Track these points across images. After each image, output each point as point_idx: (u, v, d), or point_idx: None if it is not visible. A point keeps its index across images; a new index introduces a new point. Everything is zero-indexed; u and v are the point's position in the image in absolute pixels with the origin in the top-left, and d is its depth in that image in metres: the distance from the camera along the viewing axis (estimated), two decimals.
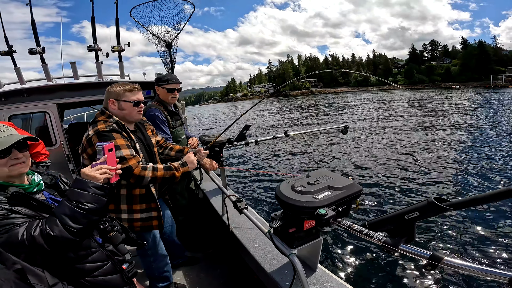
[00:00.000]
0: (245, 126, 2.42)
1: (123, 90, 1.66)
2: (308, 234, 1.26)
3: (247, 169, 8.51)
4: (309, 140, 12.31)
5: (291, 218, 1.17)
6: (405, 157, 8.38)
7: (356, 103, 33.83)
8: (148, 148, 1.85)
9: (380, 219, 0.96)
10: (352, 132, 13.24)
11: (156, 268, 1.96)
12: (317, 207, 1.01)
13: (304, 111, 28.88)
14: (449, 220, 4.33)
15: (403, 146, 9.93)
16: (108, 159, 1.16)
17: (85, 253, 1.09)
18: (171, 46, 3.50)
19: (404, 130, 13.01)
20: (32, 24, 2.99)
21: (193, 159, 1.82)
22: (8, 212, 0.92)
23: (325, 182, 1.15)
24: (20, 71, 2.98)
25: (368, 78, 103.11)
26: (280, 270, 1.66)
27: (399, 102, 29.26)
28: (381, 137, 11.98)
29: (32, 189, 1.09)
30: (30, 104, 2.97)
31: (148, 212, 1.75)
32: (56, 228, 0.93)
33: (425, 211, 0.82)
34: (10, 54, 2.93)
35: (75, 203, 0.99)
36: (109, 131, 1.52)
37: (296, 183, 1.18)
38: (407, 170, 7.12)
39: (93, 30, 3.12)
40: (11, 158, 1.02)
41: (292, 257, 1.20)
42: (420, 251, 0.85)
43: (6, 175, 1.02)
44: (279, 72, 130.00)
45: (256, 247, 1.91)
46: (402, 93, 48.68)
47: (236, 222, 2.22)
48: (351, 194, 1.10)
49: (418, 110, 21.27)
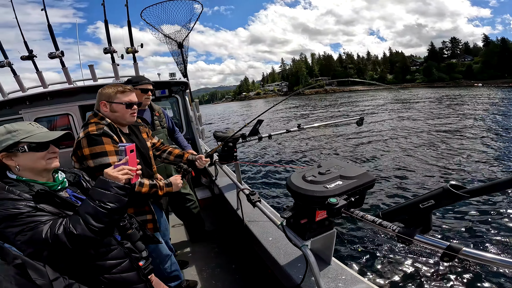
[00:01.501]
0: (258, 121, 2.42)
1: (114, 91, 1.61)
2: (320, 225, 1.24)
3: (262, 163, 8.53)
4: (323, 134, 12.24)
5: (303, 208, 1.16)
6: (420, 150, 8.30)
7: (371, 101, 33.00)
8: (143, 152, 1.80)
9: (394, 208, 0.94)
10: (367, 125, 12.99)
11: (164, 269, 1.96)
12: (327, 196, 1.00)
13: (318, 108, 28.54)
14: (466, 209, 4.20)
15: (418, 139, 9.79)
16: (130, 160, 1.19)
17: (105, 250, 1.11)
18: (183, 46, 3.57)
19: (420, 125, 12.74)
20: (49, 29, 3.08)
21: (178, 183, 1.76)
22: (33, 209, 0.95)
23: (336, 172, 1.13)
24: (42, 75, 3.10)
25: (384, 76, 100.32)
26: (294, 263, 1.66)
27: (418, 100, 28.26)
28: (396, 131, 11.82)
29: (57, 186, 1.13)
30: (53, 107, 3.08)
31: (142, 216, 1.72)
32: (79, 227, 0.96)
33: (440, 198, 0.78)
34: (31, 59, 3.05)
35: (98, 202, 1.02)
36: (99, 135, 1.48)
37: (307, 173, 1.17)
38: (422, 162, 7.07)
39: (107, 33, 3.20)
40: (49, 151, 1.08)
41: (304, 248, 1.20)
42: (436, 241, 0.82)
43: (43, 168, 1.07)
44: (292, 71, 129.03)
45: (270, 241, 1.91)
46: (423, 91, 46.93)
47: (250, 216, 2.23)
48: (364, 183, 1.08)
49: (439, 107, 20.55)
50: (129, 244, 1.27)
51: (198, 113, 3.89)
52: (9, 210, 0.90)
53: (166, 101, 3.80)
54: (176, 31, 3.62)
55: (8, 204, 0.92)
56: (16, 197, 0.95)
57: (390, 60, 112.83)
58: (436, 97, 31.15)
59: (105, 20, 3.11)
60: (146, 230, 1.48)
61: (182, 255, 2.75)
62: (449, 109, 18.48)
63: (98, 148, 1.46)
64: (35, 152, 1.04)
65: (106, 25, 3.13)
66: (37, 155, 1.05)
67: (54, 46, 3.01)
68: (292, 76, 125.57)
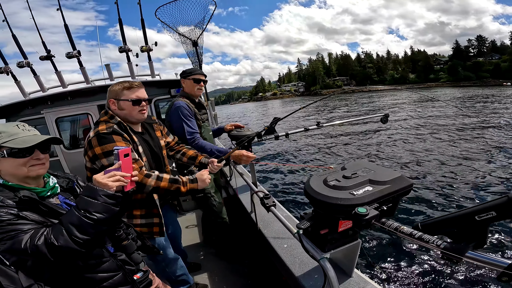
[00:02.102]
0: (274, 118, 2.29)
1: (121, 88, 1.55)
2: (343, 236, 1.09)
3: (278, 163, 8.28)
4: (344, 133, 11.71)
5: (323, 217, 1.01)
6: (459, 150, 7.39)
7: (394, 100, 31.59)
8: (155, 151, 1.74)
9: (439, 220, 0.78)
10: (392, 123, 12.20)
11: (171, 273, 1.90)
12: (355, 205, 0.84)
13: (337, 108, 27.74)
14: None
15: (456, 140, 8.78)
16: (123, 165, 1.08)
17: (95, 263, 1.04)
18: (197, 44, 3.53)
19: (456, 125, 11.62)
20: (65, 29, 3.13)
21: (205, 178, 1.62)
22: (15, 217, 0.89)
23: (365, 175, 0.97)
24: (61, 75, 3.17)
25: (406, 76, 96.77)
26: (310, 273, 1.52)
27: (446, 99, 26.74)
28: (426, 129, 10.84)
29: (46, 193, 1.05)
30: (73, 107, 3.14)
31: (149, 218, 1.66)
32: (61, 238, 0.88)
33: (504, 210, 0.62)
34: (50, 59, 3.10)
35: (83, 212, 0.93)
36: (109, 133, 1.43)
37: (329, 176, 1.01)
38: (461, 164, 6.23)
39: (121, 32, 3.22)
40: (32, 158, 0.99)
41: (323, 262, 1.06)
42: (494, 259, 0.65)
43: (24, 175, 0.99)
44: (309, 71, 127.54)
45: (285, 248, 1.78)
46: (449, 91, 44.52)
47: (265, 220, 2.11)
48: (399, 189, 0.90)
49: (472, 105, 19.23)
50: (124, 256, 1.17)
51: (214, 112, 3.83)
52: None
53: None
54: (191, 29, 3.60)
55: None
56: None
57: (412, 59, 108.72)
58: (466, 96, 29.27)
59: (119, 19, 3.12)
60: (146, 240, 1.39)
61: (194, 257, 2.68)
62: (486, 108, 17.15)
63: (109, 146, 1.40)
64: (15, 158, 0.96)
65: (120, 23, 3.14)
66: (18, 161, 0.97)
67: (72, 46, 3.05)
68: (309, 76, 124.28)
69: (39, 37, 3.14)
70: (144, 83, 1.72)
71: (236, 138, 2.30)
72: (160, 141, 1.81)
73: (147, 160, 1.61)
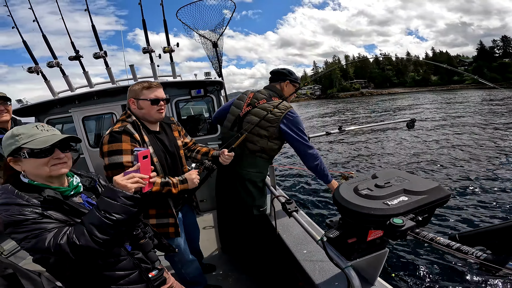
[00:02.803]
0: None
1: (140, 88, 1.59)
2: (371, 245, 1.05)
3: (299, 167, 8.18)
4: (367, 138, 11.35)
5: (353, 227, 0.98)
6: (496, 159, 6.89)
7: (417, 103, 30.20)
8: (171, 150, 1.74)
9: (479, 231, 0.75)
10: (419, 131, 11.55)
11: (186, 274, 1.91)
12: (390, 216, 0.81)
13: (357, 111, 27.03)
14: None
15: (490, 146, 8.25)
16: (142, 167, 1.08)
17: (113, 261, 1.07)
18: (217, 45, 3.56)
19: (485, 130, 10.90)
20: (93, 29, 3.22)
21: (193, 177, 1.64)
22: (40, 216, 0.91)
23: (398, 185, 0.93)
24: (89, 75, 3.28)
25: (428, 77, 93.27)
26: (330, 281, 1.48)
27: (474, 102, 25.34)
28: (456, 136, 10.21)
29: (69, 192, 1.08)
30: (99, 106, 3.25)
31: (164, 218, 1.67)
32: (82, 238, 0.90)
33: None
34: (78, 59, 3.22)
35: (103, 213, 0.95)
36: (120, 132, 1.46)
37: (360, 185, 0.98)
38: (494, 175, 5.86)
39: (145, 33, 3.27)
40: (53, 157, 1.01)
41: (348, 270, 1.04)
42: None
43: (47, 174, 1.01)
44: (325, 74, 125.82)
45: (305, 253, 1.75)
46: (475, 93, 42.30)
47: (284, 225, 2.09)
48: (436, 200, 0.87)
49: (504, 108, 18.03)
50: (141, 254, 1.19)
51: None
52: (15, 216, 0.88)
53: (202, 101, 3.81)
54: (211, 30, 3.63)
55: (15, 209, 0.89)
56: (24, 202, 0.91)
57: (434, 60, 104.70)
58: (495, 98, 27.70)
59: (143, 20, 3.18)
60: (162, 239, 1.41)
61: (210, 258, 2.69)
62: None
63: (115, 146, 1.44)
64: (36, 159, 0.98)
65: (144, 24, 3.20)
66: (39, 162, 0.98)
67: (99, 47, 3.15)
68: (325, 79, 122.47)
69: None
70: (165, 84, 1.74)
71: None
72: (177, 141, 1.83)
73: (158, 160, 1.62)
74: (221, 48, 3.59)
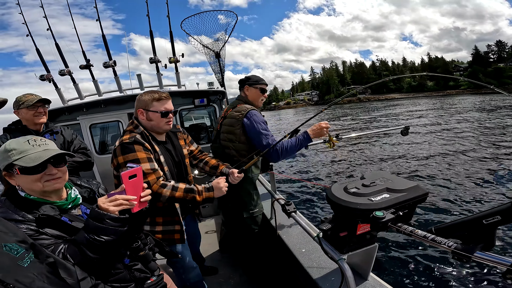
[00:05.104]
0: (294, 130, 2.39)
1: (150, 99, 1.58)
2: (361, 239, 1.18)
3: (298, 178, 8.27)
4: (362, 145, 11.63)
5: (343, 221, 1.12)
6: (474, 164, 7.57)
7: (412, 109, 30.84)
8: (177, 159, 1.75)
9: (451, 224, 0.87)
10: (411, 136, 12.05)
11: (187, 279, 1.92)
12: (373, 209, 0.95)
13: (353, 118, 27.37)
14: None
15: (472, 152, 8.91)
16: (129, 188, 1.04)
17: (110, 274, 1.05)
18: (220, 55, 3.71)
19: (473, 135, 11.58)
20: (103, 39, 3.36)
21: (222, 186, 1.60)
22: (35, 233, 0.91)
23: (382, 184, 1.07)
24: (98, 84, 3.42)
25: (424, 83, 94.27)
26: (327, 276, 1.60)
27: (466, 108, 25.88)
28: (445, 142, 10.82)
29: (67, 205, 1.07)
30: (106, 114, 3.36)
31: (171, 225, 1.67)
32: (76, 257, 0.91)
33: (508, 214, 0.72)
34: (88, 68, 3.36)
35: (92, 235, 0.93)
36: (131, 143, 1.47)
37: (349, 184, 1.12)
38: (475, 177, 6.51)
39: (152, 43, 3.42)
40: (45, 173, 0.99)
41: (341, 262, 1.15)
42: (499, 258, 0.75)
43: (40, 190, 1.00)
44: (322, 79, 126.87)
45: (303, 252, 1.86)
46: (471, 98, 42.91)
47: (284, 227, 2.20)
48: (415, 197, 1.01)
49: (491, 114, 18.61)
50: (140, 265, 1.18)
51: None
52: None
53: (205, 110, 3.94)
54: (213, 41, 3.79)
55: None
56: (20, 218, 0.91)
57: (430, 65, 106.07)
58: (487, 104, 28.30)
59: (150, 31, 3.33)
60: (165, 246, 1.42)
61: (211, 261, 2.75)
62: (506, 116, 16.69)
63: (131, 156, 1.45)
64: (28, 175, 0.97)
65: (151, 36, 3.35)
66: (32, 178, 0.98)
67: (108, 56, 3.29)
68: (323, 85, 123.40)
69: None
70: (170, 93, 1.81)
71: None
72: (183, 149, 1.83)
73: (168, 170, 1.64)
74: (224, 58, 3.74)
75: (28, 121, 2.02)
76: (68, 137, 2.19)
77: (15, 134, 1.97)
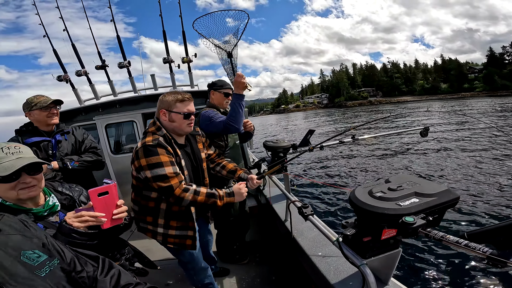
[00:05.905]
0: (309, 131, 2.35)
1: (174, 100, 1.57)
2: (385, 244, 1.14)
3: (315, 180, 8.10)
4: (380, 146, 11.35)
5: (367, 226, 1.08)
6: (501, 165, 7.17)
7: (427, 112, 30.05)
8: (195, 164, 1.74)
9: (486, 229, 0.83)
10: (431, 137, 11.57)
11: (198, 281, 1.91)
12: (402, 215, 0.91)
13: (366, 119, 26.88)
14: None
15: (497, 153, 8.43)
16: (98, 205, 1.04)
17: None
18: (232, 55, 3.71)
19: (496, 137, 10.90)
20: (118, 40, 3.42)
21: (243, 192, 1.61)
22: None
23: (410, 188, 1.03)
24: (113, 84, 3.48)
25: (437, 85, 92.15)
26: (345, 281, 1.54)
27: (485, 110, 24.93)
28: (467, 143, 10.30)
29: (43, 213, 1.06)
30: (121, 114, 3.42)
31: (184, 231, 1.66)
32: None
33: None
34: (104, 68, 3.42)
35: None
36: (154, 146, 1.46)
37: (374, 188, 1.08)
38: (502, 179, 6.16)
39: (165, 44, 3.44)
40: (20, 182, 0.99)
41: (363, 268, 1.10)
42: None
43: (15, 198, 1.00)
44: (332, 82, 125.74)
45: (320, 256, 1.82)
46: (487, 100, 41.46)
47: (299, 229, 2.16)
48: (445, 202, 0.96)
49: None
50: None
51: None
52: None
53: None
54: (225, 41, 3.80)
55: None
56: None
57: (443, 67, 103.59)
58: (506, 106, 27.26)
59: (163, 31, 3.36)
60: (145, 257, 1.41)
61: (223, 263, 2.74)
62: None
63: (154, 159, 1.44)
64: (2, 183, 0.97)
65: (165, 36, 3.38)
66: (5, 186, 0.98)
67: (123, 57, 3.34)
68: (332, 88, 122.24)
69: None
70: None
71: (272, 149, 2.39)
72: (201, 153, 1.82)
73: (188, 174, 1.64)
74: (236, 58, 3.74)
75: (40, 122, 2.02)
76: (79, 137, 2.21)
77: (26, 135, 1.99)
